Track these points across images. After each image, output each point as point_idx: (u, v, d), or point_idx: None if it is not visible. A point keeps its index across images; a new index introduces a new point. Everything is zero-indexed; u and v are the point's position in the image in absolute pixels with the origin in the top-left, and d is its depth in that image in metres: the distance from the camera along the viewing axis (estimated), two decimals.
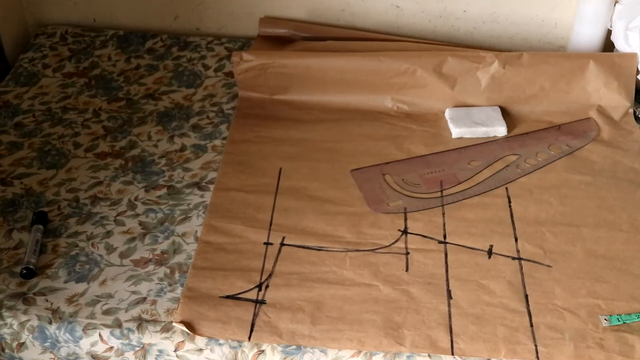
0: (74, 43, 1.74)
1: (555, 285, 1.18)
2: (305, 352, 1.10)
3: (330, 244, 1.24)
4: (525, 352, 1.09)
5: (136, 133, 1.48)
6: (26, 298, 1.15)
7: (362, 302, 1.15)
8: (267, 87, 1.55)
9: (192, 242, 1.25)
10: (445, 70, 1.53)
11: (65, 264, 1.21)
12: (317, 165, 1.40)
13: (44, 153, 1.43)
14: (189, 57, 1.70)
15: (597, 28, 1.62)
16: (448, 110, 1.52)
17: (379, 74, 1.54)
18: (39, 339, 1.12)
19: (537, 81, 1.53)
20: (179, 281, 1.18)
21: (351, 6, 1.73)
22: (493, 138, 1.48)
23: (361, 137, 1.47)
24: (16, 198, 1.33)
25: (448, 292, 1.17)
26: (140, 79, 1.63)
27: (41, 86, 1.61)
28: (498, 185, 1.37)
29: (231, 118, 1.52)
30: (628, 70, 1.54)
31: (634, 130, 1.49)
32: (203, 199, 1.33)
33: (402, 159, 1.43)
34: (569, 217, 1.30)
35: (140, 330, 1.11)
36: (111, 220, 1.29)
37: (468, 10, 1.72)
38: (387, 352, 1.09)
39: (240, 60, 1.54)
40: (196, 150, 1.44)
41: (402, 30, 1.75)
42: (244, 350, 1.10)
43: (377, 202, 1.33)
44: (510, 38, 1.75)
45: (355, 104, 1.54)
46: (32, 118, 1.52)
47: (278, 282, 1.18)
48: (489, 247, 1.24)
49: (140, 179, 1.37)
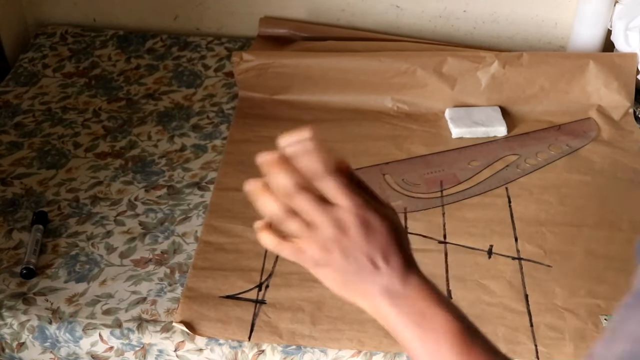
0: (74, 43, 1.74)
1: (555, 285, 1.18)
2: (305, 352, 1.10)
3: None
4: (525, 352, 1.09)
5: (136, 133, 1.48)
6: (26, 298, 1.15)
7: None
8: (267, 87, 1.55)
9: (192, 242, 1.25)
10: (445, 70, 1.53)
11: (65, 264, 1.21)
12: None
13: (44, 153, 1.43)
14: (189, 57, 1.70)
15: (597, 28, 1.62)
16: (448, 110, 1.52)
17: (379, 74, 1.54)
18: (39, 339, 1.12)
19: (537, 81, 1.53)
20: (179, 281, 1.18)
21: (351, 6, 1.73)
22: (493, 138, 1.48)
23: (361, 137, 1.47)
24: (16, 198, 1.33)
25: (448, 292, 1.17)
26: (140, 79, 1.63)
27: (41, 86, 1.61)
28: (498, 185, 1.37)
29: (231, 118, 1.52)
30: (628, 70, 1.54)
31: (634, 130, 1.49)
32: (203, 199, 1.33)
33: (402, 159, 1.43)
34: (569, 217, 1.30)
35: (140, 330, 1.11)
36: (111, 220, 1.29)
37: (468, 10, 1.72)
38: (387, 352, 1.09)
39: (240, 60, 1.54)
40: (196, 150, 1.44)
41: (402, 30, 1.75)
42: (244, 350, 1.10)
43: None
44: (510, 38, 1.75)
45: (355, 104, 1.54)
46: (32, 118, 1.52)
47: (278, 282, 1.18)
48: (489, 247, 1.24)
49: (140, 179, 1.37)
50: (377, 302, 0.65)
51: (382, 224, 0.64)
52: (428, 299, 0.65)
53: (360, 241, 0.63)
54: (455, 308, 0.66)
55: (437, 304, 0.65)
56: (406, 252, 0.66)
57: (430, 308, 0.64)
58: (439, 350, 0.63)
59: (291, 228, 0.65)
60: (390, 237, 0.64)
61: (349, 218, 0.63)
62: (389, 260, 0.64)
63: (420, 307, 0.65)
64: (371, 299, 0.65)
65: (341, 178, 0.63)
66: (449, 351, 0.63)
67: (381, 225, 0.64)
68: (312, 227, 0.64)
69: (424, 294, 0.65)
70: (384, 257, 0.64)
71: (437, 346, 0.63)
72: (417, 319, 0.64)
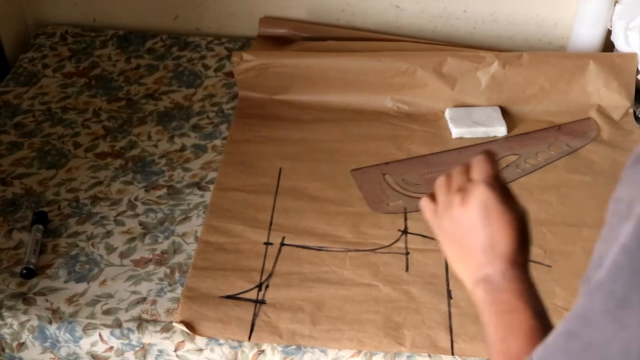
0: (74, 43, 1.74)
1: (555, 285, 1.18)
2: (305, 352, 1.10)
3: (330, 244, 1.24)
4: None
5: (136, 133, 1.48)
6: (26, 298, 1.15)
7: (362, 302, 1.15)
8: (267, 87, 1.55)
9: (192, 242, 1.25)
10: (445, 70, 1.53)
11: (65, 264, 1.21)
12: (317, 165, 1.40)
13: (44, 153, 1.43)
14: (189, 57, 1.70)
15: (597, 28, 1.62)
16: (448, 110, 1.52)
17: (379, 74, 1.54)
18: (39, 339, 1.12)
19: (537, 81, 1.53)
20: (179, 281, 1.18)
21: (351, 6, 1.73)
22: (493, 138, 1.48)
23: (361, 137, 1.47)
24: (16, 198, 1.33)
25: (448, 292, 1.17)
26: (140, 79, 1.63)
27: (41, 86, 1.61)
28: None
29: (231, 118, 1.52)
30: (628, 70, 1.54)
31: (634, 130, 1.49)
32: (203, 199, 1.33)
33: (402, 159, 1.43)
34: (569, 217, 1.30)
35: (140, 330, 1.11)
36: (111, 220, 1.29)
37: (468, 10, 1.72)
38: (387, 352, 1.09)
39: (240, 60, 1.54)
40: (196, 150, 1.44)
41: (402, 30, 1.75)
42: (244, 350, 1.10)
43: (377, 202, 1.33)
44: (510, 38, 1.75)
45: (355, 104, 1.54)
46: (32, 118, 1.52)
47: (278, 282, 1.18)
48: None
49: (140, 179, 1.37)
50: (476, 287, 0.67)
51: (505, 214, 0.66)
52: (520, 299, 0.65)
53: (478, 218, 0.66)
54: (540, 316, 0.66)
55: (526, 306, 0.65)
56: (519, 249, 0.67)
57: (516, 305, 0.65)
58: (502, 343, 0.64)
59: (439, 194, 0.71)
60: (509, 229, 0.66)
61: (478, 195, 0.67)
62: (499, 248, 0.66)
63: (507, 301, 0.65)
64: (472, 279, 0.68)
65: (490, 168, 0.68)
66: (511, 350, 0.63)
67: (504, 214, 0.66)
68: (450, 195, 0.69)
69: (518, 293, 0.66)
70: (495, 243, 0.66)
71: (503, 341, 0.64)
72: (501, 309, 0.65)
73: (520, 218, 0.68)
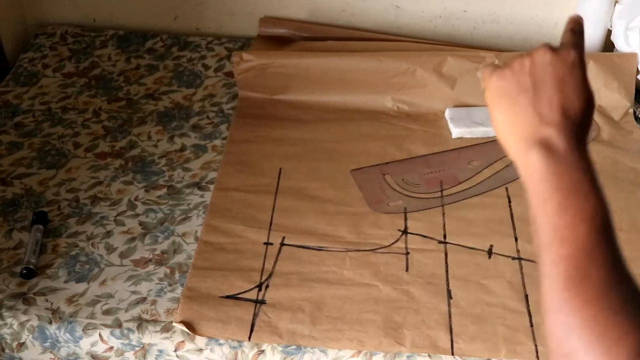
0: (74, 43, 1.74)
1: None
2: (305, 352, 1.10)
3: (330, 244, 1.24)
4: (525, 352, 1.09)
5: (136, 133, 1.48)
6: (26, 298, 1.15)
7: (362, 302, 1.15)
8: (267, 87, 1.55)
9: (192, 242, 1.25)
10: (445, 70, 1.53)
11: (65, 264, 1.21)
12: (317, 165, 1.40)
13: (44, 153, 1.43)
14: (189, 57, 1.70)
15: (597, 28, 1.62)
16: (448, 110, 1.52)
17: (379, 74, 1.54)
18: (39, 339, 1.12)
19: None
20: (179, 281, 1.18)
21: (351, 6, 1.73)
22: (493, 138, 1.47)
23: (361, 137, 1.47)
24: (16, 198, 1.33)
25: (448, 292, 1.17)
26: (140, 79, 1.63)
27: (41, 86, 1.61)
28: (498, 185, 1.37)
29: (231, 118, 1.52)
30: (628, 70, 1.54)
31: (634, 130, 1.49)
32: (203, 199, 1.33)
33: (402, 159, 1.43)
34: None
35: (140, 330, 1.11)
36: (111, 220, 1.29)
37: (468, 10, 1.72)
38: (387, 352, 1.09)
39: (240, 60, 1.54)
40: (196, 150, 1.44)
41: (402, 30, 1.75)
42: (244, 350, 1.10)
43: (377, 202, 1.33)
44: (510, 38, 1.75)
45: (355, 104, 1.54)
46: (32, 118, 1.52)
47: (278, 282, 1.18)
48: (489, 247, 1.24)
49: (140, 179, 1.37)
50: (531, 150, 0.60)
51: (587, 84, 0.60)
52: (586, 177, 0.58)
53: (549, 77, 0.60)
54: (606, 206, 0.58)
55: (593, 189, 0.57)
56: (585, 127, 0.61)
57: (585, 185, 0.57)
58: (569, 229, 0.56)
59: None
60: (579, 101, 0.59)
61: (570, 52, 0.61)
62: (567, 115, 0.59)
63: (575, 178, 0.58)
64: (527, 144, 0.60)
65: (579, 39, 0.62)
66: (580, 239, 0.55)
67: (577, 87, 0.60)
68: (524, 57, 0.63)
69: (585, 171, 0.58)
70: (563, 108, 0.59)
71: (572, 227, 0.56)
72: (567, 186, 0.57)
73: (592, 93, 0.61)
